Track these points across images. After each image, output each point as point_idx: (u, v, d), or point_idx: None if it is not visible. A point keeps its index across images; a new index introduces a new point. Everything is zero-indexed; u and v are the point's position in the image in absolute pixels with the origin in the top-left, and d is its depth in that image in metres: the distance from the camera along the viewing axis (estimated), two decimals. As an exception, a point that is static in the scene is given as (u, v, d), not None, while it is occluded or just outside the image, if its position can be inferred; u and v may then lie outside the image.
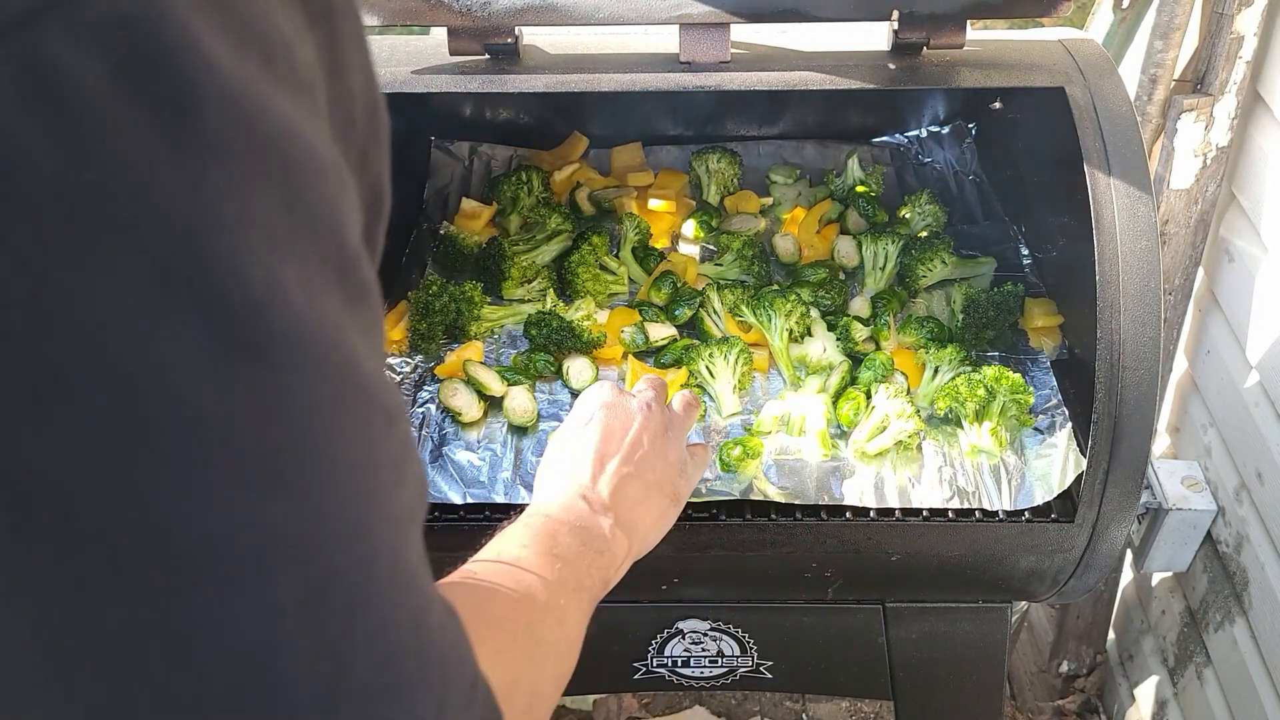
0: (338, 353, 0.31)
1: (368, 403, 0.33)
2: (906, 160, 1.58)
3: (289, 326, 0.30)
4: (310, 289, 0.30)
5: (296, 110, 0.31)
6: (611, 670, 1.32)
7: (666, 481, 0.93)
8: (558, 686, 0.65)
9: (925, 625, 1.27)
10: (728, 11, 1.11)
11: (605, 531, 0.84)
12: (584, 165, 1.54)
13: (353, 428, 0.32)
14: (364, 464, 0.33)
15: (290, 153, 0.30)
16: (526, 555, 0.72)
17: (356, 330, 0.33)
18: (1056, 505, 1.13)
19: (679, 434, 0.98)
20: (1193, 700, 1.74)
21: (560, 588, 0.71)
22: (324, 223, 0.32)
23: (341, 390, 0.32)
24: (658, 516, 0.93)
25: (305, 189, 0.31)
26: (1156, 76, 1.48)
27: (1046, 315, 1.29)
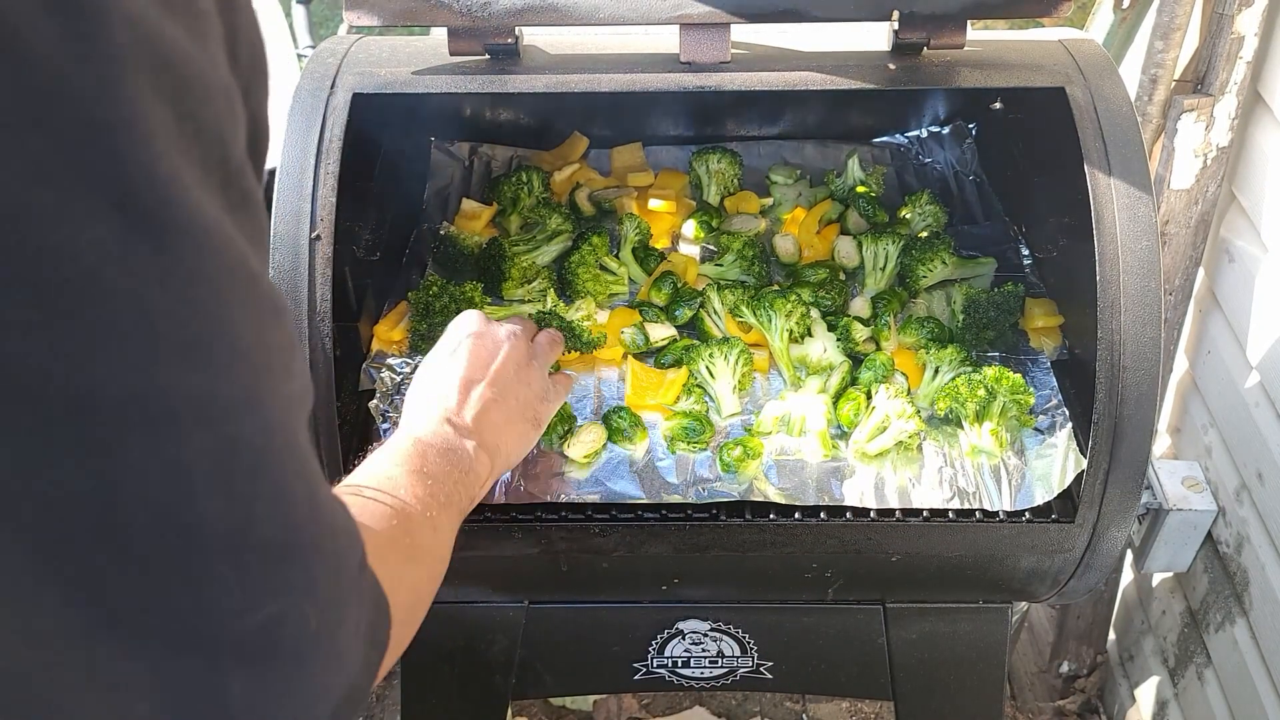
0: (232, 247, 0.36)
1: (259, 294, 0.38)
2: (907, 160, 1.58)
3: (192, 219, 0.34)
4: (204, 191, 0.35)
5: (190, 39, 0.35)
6: (611, 670, 1.32)
7: (528, 406, 1.02)
8: (432, 589, 0.74)
9: (925, 626, 1.27)
10: (728, 12, 1.11)
11: (470, 453, 0.90)
12: (584, 165, 1.54)
13: (249, 312, 0.37)
14: (259, 345, 0.37)
15: (183, 72, 0.34)
16: (399, 474, 0.79)
17: (242, 234, 0.37)
18: (1057, 505, 1.13)
19: (542, 364, 1.07)
20: (1193, 700, 1.73)
21: (431, 501, 0.78)
22: (212, 136, 0.36)
23: (237, 279, 0.36)
24: (518, 438, 1.00)
25: (196, 104, 0.35)
26: (1157, 77, 1.48)
27: (1047, 315, 1.29)
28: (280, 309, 0.40)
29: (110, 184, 0.32)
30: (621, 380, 1.26)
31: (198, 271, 0.34)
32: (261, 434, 0.38)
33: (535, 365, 1.06)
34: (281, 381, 0.39)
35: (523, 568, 1.19)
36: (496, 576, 1.23)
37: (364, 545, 0.48)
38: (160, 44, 0.33)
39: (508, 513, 1.13)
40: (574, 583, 1.22)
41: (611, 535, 1.12)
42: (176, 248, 0.34)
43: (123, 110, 0.32)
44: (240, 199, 0.37)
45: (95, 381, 0.33)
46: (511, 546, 1.13)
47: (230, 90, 0.38)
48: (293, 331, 0.43)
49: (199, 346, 0.35)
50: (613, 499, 1.13)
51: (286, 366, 0.40)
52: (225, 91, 0.37)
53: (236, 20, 0.40)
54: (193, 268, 0.34)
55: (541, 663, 1.30)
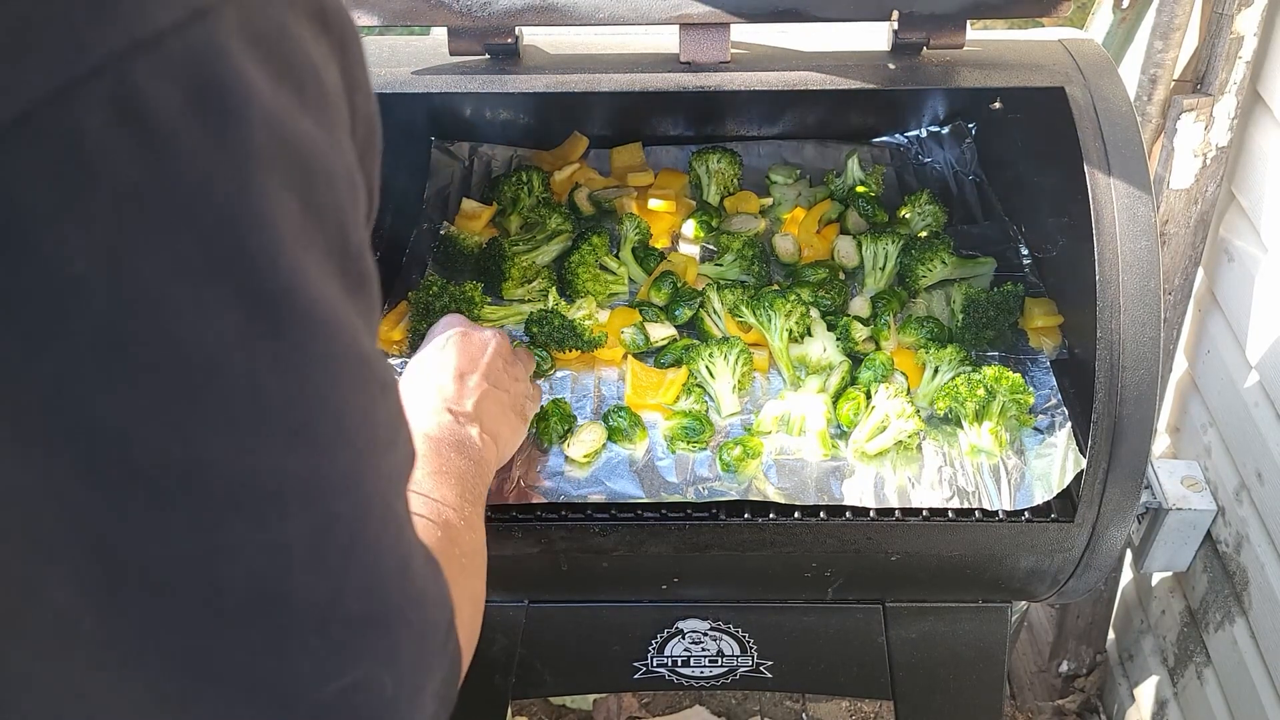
0: (345, 331, 0.38)
1: (368, 373, 0.40)
2: (906, 160, 1.58)
3: (310, 308, 0.36)
4: (323, 277, 0.37)
5: (319, 129, 0.38)
6: (611, 670, 1.32)
7: (517, 400, 1.04)
8: (484, 585, 0.76)
9: (925, 625, 1.27)
10: (728, 12, 1.11)
11: (477, 440, 0.92)
12: (584, 165, 1.54)
13: (356, 393, 0.39)
14: (364, 424, 0.39)
15: (312, 165, 0.37)
16: (424, 478, 0.79)
17: (357, 314, 0.39)
18: (1056, 505, 1.13)
19: (527, 367, 1.13)
20: (1193, 700, 1.74)
21: (462, 502, 0.79)
22: (333, 224, 0.38)
23: (347, 361, 0.38)
24: (512, 430, 1.02)
25: (321, 195, 0.37)
26: (1156, 76, 1.48)
27: (1046, 315, 1.29)
28: (388, 384, 0.42)
29: (238, 277, 0.34)
30: (621, 380, 1.26)
31: (311, 358, 0.37)
32: (359, 511, 0.40)
33: (518, 363, 1.10)
34: (384, 456, 0.41)
35: (523, 567, 1.19)
36: (496, 576, 1.22)
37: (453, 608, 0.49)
38: (293, 139, 0.36)
39: (508, 513, 1.13)
40: (574, 582, 1.22)
41: (611, 535, 1.12)
42: (293, 335, 0.36)
43: (255, 207, 0.35)
44: (358, 280, 0.40)
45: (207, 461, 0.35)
46: (511, 546, 1.13)
47: (353, 173, 0.41)
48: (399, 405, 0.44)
49: (306, 429, 0.37)
50: (613, 498, 1.13)
51: (391, 440, 0.42)
52: (349, 177, 0.40)
53: (356, 100, 0.42)
54: (307, 354, 0.37)
55: (541, 662, 1.30)
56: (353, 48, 0.42)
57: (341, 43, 0.41)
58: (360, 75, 0.43)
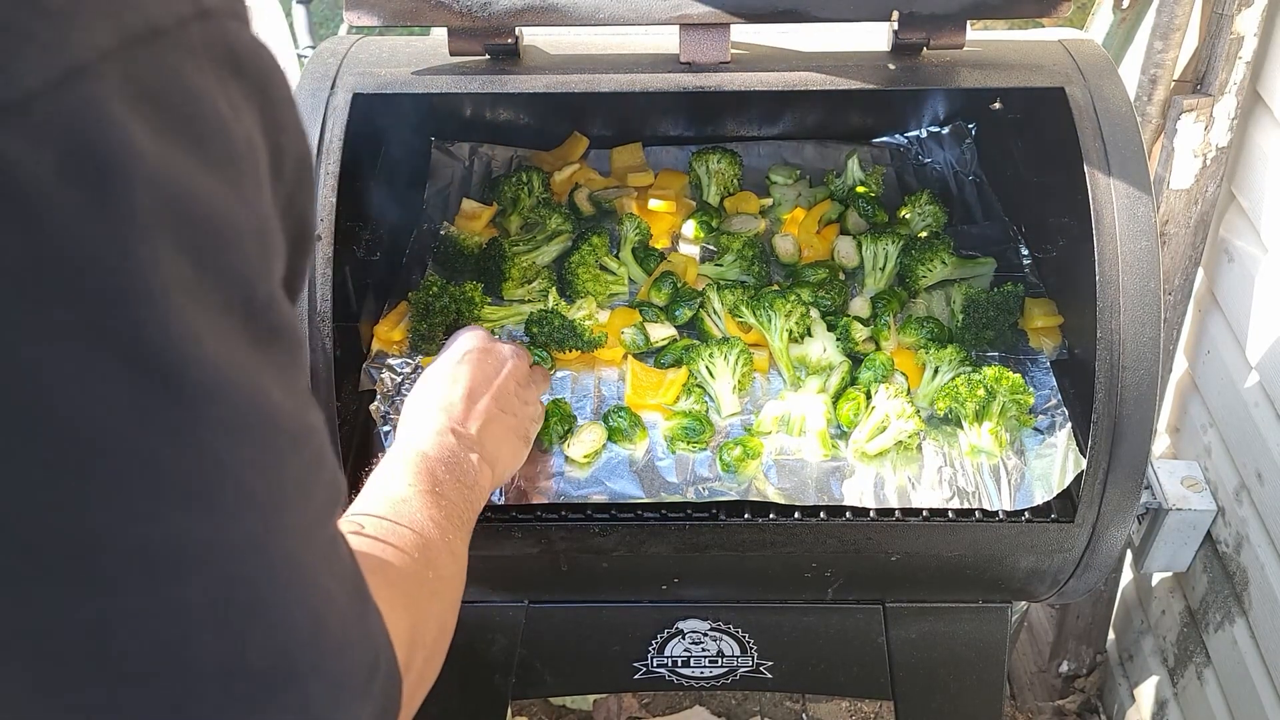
0: (243, 391, 0.37)
1: (273, 430, 0.38)
2: (906, 160, 1.58)
3: (202, 372, 0.35)
4: (220, 338, 0.36)
5: (221, 183, 0.36)
6: (611, 670, 1.32)
7: (522, 425, 1.05)
8: (454, 617, 0.76)
9: (925, 625, 1.27)
10: (728, 12, 1.11)
11: (474, 465, 0.91)
12: (584, 166, 1.54)
13: (256, 453, 0.38)
14: (267, 483, 0.38)
15: (208, 224, 0.35)
16: (413, 496, 0.79)
17: (266, 367, 0.38)
18: (1056, 505, 1.13)
19: (538, 386, 1.12)
20: (1193, 700, 1.74)
21: (447, 524, 0.79)
22: (235, 280, 0.37)
23: (246, 422, 0.37)
24: (512, 454, 1.03)
25: (220, 252, 0.36)
26: (1156, 77, 1.48)
27: (1046, 315, 1.29)
28: (300, 437, 0.41)
29: (122, 347, 0.33)
30: (621, 380, 1.26)
31: (205, 422, 0.36)
32: (264, 571, 0.39)
33: (532, 385, 1.10)
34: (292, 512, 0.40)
35: (523, 567, 1.19)
36: (496, 576, 1.23)
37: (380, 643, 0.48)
38: (185, 199, 0.35)
39: (508, 513, 1.13)
40: (574, 582, 1.22)
41: (611, 535, 1.12)
42: (186, 401, 0.35)
43: (138, 273, 0.33)
44: (269, 332, 0.39)
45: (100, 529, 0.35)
46: (511, 546, 1.13)
47: (265, 225, 0.39)
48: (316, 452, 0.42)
49: (205, 494, 0.36)
50: (613, 499, 1.13)
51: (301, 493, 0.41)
52: (258, 230, 0.38)
53: (282, 141, 0.41)
54: (202, 418, 0.36)
55: (541, 662, 1.30)
56: (275, 89, 0.40)
57: (260, 86, 0.39)
58: (286, 115, 0.42)
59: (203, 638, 0.37)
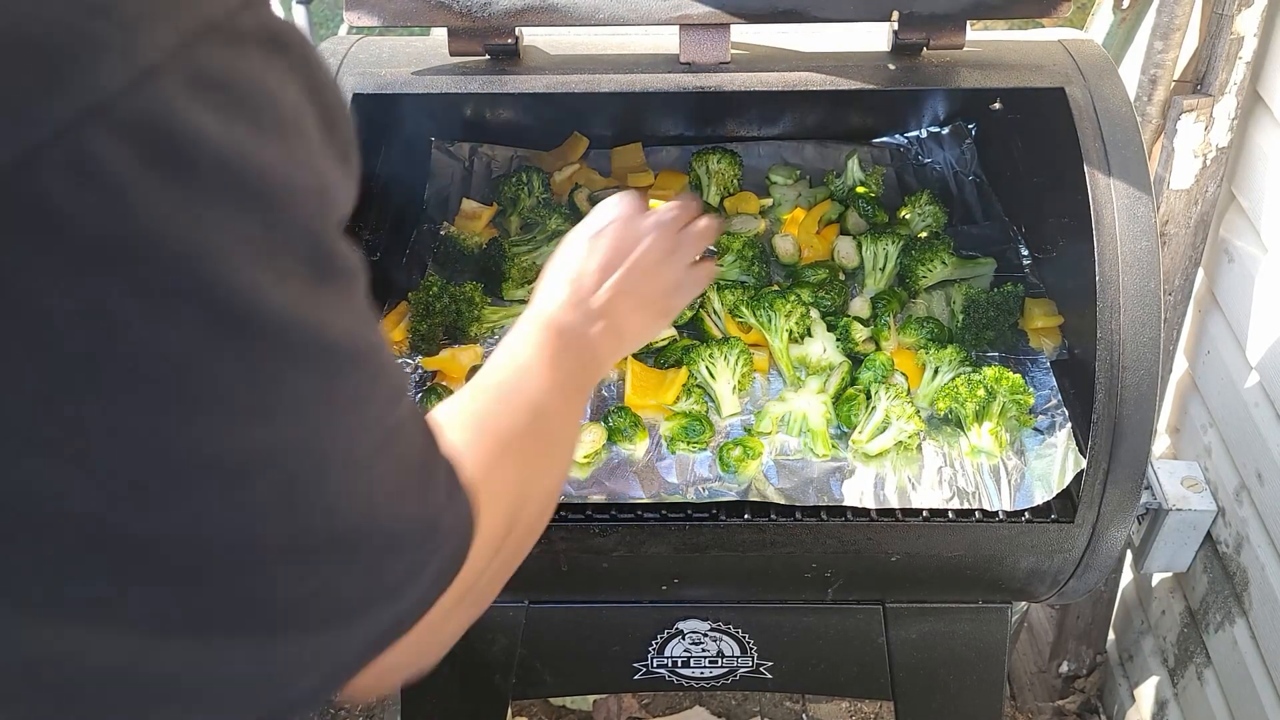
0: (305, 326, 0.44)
1: (331, 355, 0.46)
2: (906, 161, 1.58)
3: (269, 314, 0.42)
4: (285, 283, 0.43)
5: (279, 150, 0.43)
6: (611, 670, 1.32)
7: (659, 300, 1.04)
8: (562, 481, 0.83)
9: (925, 626, 1.27)
10: (728, 12, 1.11)
11: (598, 336, 0.95)
12: (584, 166, 1.54)
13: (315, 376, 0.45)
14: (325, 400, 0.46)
15: (270, 187, 0.42)
16: (531, 362, 0.84)
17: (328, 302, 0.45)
18: (1056, 505, 1.13)
19: (684, 257, 1.07)
20: (1193, 700, 1.74)
21: (562, 391, 0.83)
22: (298, 232, 0.44)
23: (307, 351, 0.44)
24: (643, 327, 1.04)
25: (281, 212, 0.43)
26: (1156, 77, 1.48)
27: (1046, 315, 1.29)
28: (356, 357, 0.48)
29: (200, 298, 0.40)
30: (621, 380, 1.26)
31: (273, 354, 0.43)
32: (317, 468, 0.46)
33: (676, 257, 1.06)
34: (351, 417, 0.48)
35: (523, 567, 1.18)
36: (496, 576, 1.23)
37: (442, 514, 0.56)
38: (247, 170, 0.41)
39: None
40: (574, 583, 1.22)
41: (611, 535, 1.12)
42: (255, 339, 0.42)
43: (210, 237, 0.40)
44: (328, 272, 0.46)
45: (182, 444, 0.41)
46: (511, 546, 1.13)
47: (322, 181, 0.46)
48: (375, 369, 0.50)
49: (269, 412, 0.43)
50: (613, 499, 1.13)
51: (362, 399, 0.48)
52: (316, 187, 0.45)
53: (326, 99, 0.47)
54: (269, 351, 0.43)
55: (541, 662, 1.30)
56: (310, 58, 0.46)
57: (299, 59, 0.45)
58: (322, 75, 0.47)
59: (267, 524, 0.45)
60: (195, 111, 0.39)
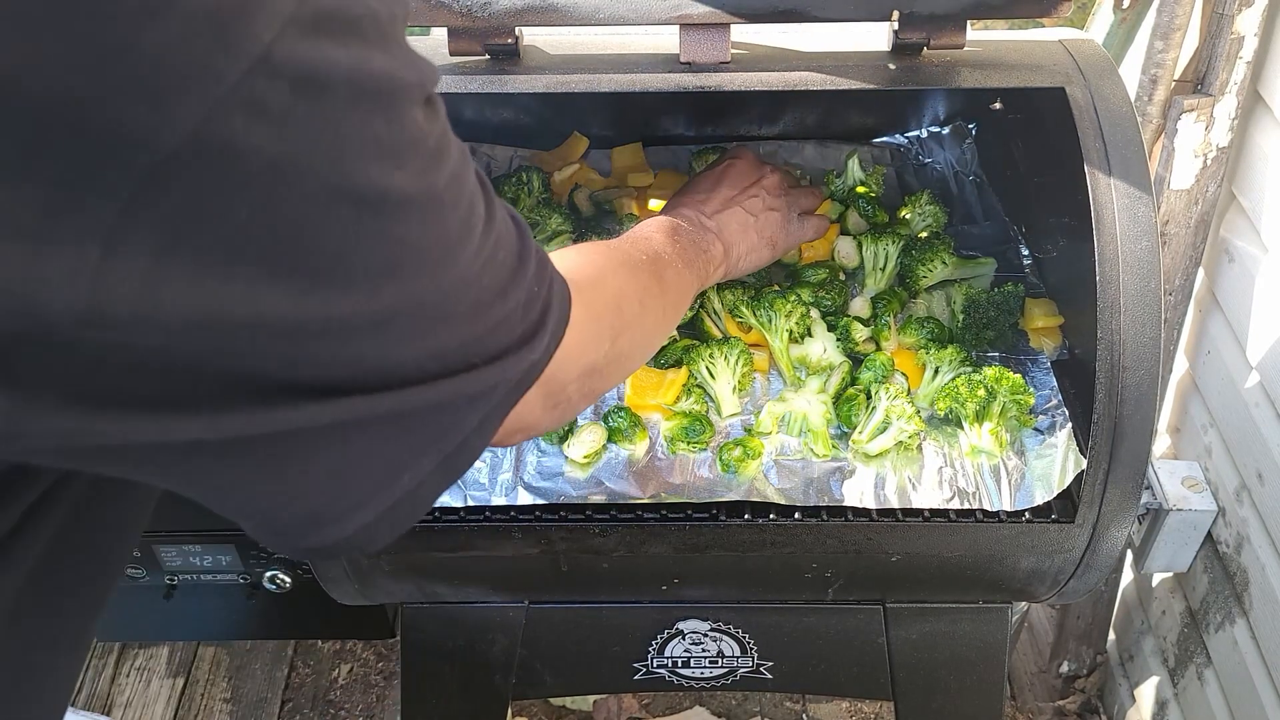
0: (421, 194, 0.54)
1: (439, 207, 0.56)
2: (907, 160, 1.58)
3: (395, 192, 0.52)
4: (403, 164, 0.53)
5: (386, 57, 0.51)
6: (611, 670, 1.32)
7: (768, 226, 1.23)
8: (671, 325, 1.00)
9: (926, 626, 1.27)
10: (728, 12, 1.11)
11: (709, 237, 1.12)
12: (584, 166, 1.54)
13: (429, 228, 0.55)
14: (438, 243, 0.56)
15: (384, 87, 0.51)
16: (654, 233, 1.02)
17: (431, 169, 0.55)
18: (1057, 506, 1.13)
19: (794, 204, 1.30)
20: (1193, 701, 1.73)
21: (677, 257, 1.01)
22: (408, 121, 0.53)
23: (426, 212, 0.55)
24: (751, 248, 1.21)
25: (396, 106, 0.52)
26: (1157, 77, 1.48)
27: (1047, 315, 1.29)
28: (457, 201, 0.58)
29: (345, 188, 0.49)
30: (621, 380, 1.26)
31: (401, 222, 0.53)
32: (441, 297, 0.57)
33: (786, 199, 1.27)
34: (458, 249, 0.58)
35: (523, 568, 1.19)
36: (496, 576, 1.23)
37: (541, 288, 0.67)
38: (368, 79, 0.50)
39: (508, 513, 1.13)
40: (574, 583, 1.22)
41: (611, 535, 1.12)
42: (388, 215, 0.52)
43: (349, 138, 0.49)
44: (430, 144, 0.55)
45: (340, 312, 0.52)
46: (511, 546, 1.13)
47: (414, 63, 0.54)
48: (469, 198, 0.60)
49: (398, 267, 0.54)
50: (613, 499, 1.13)
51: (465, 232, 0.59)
52: (418, 80, 0.54)
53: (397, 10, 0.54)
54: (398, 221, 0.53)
55: (541, 663, 1.30)
56: None
57: None
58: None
59: (416, 347, 0.57)
60: (321, 45, 0.47)
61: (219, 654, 2.22)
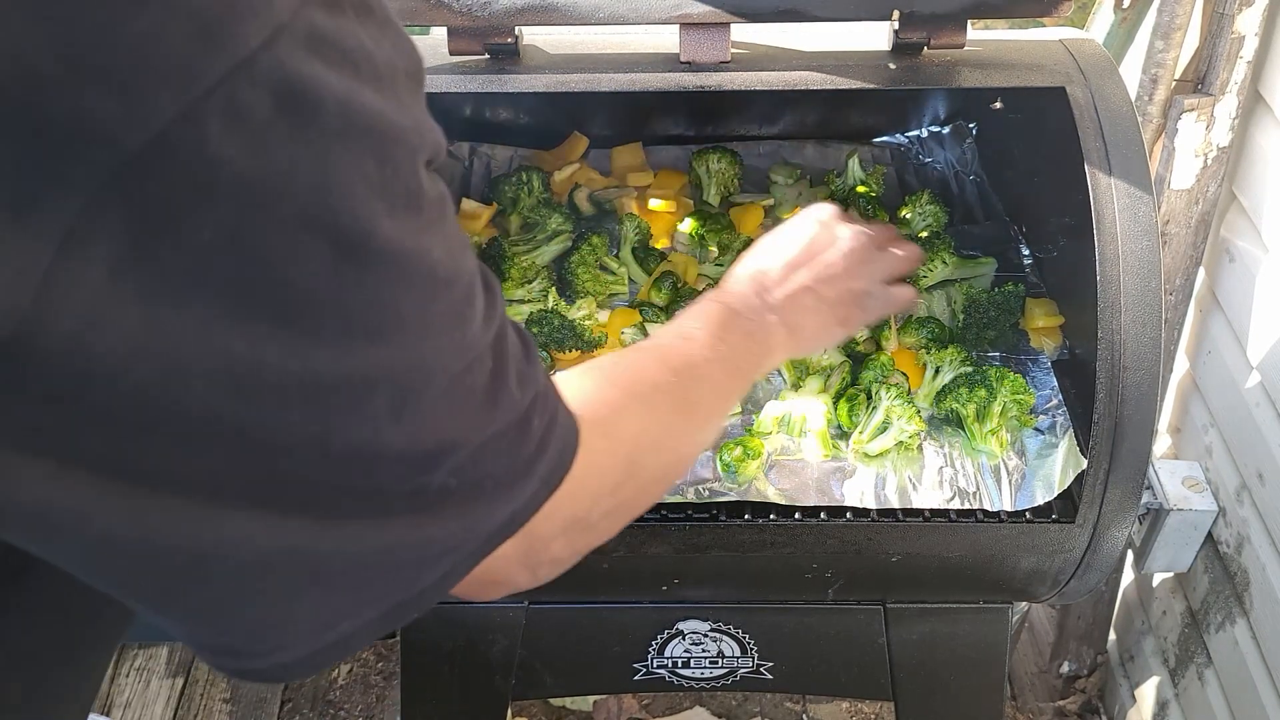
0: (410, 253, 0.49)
1: (431, 279, 0.51)
2: (907, 160, 1.58)
3: (382, 243, 0.47)
4: (394, 215, 0.48)
5: (382, 99, 0.47)
6: (612, 671, 1.31)
7: (841, 305, 1.04)
8: (704, 445, 0.85)
9: (926, 626, 1.26)
10: (728, 11, 1.11)
11: (770, 325, 0.96)
12: (584, 165, 1.53)
13: (419, 296, 0.50)
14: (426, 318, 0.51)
15: (379, 130, 0.47)
16: (696, 330, 0.87)
17: (427, 231, 0.51)
18: (1057, 506, 1.13)
19: (877, 271, 1.08)
20: (1194, 701, 1.73)
21: (721, 362, 0.85)
22: (403, 169, 0.49)
23: (412, 279, 0.50)
24: (820, 329, 1.03)
25: (390, 150, 0.48)
26: (1157, 76, 1.47)
27: (1047, 315, 1.29)
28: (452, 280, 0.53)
29: (328, 232, 0.45)
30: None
31: (385, 279, 0.48)
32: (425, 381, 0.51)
33: (867, 269, 1.06)
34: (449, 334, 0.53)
35: (523, 568, 1.18)
36: (496, 577, 1.22)
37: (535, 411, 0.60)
38: (361, 115, 0.46)
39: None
40: (574, 583, 1.21)
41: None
42: (369, 264, 0.47)
43: (335, 174, 0.45)
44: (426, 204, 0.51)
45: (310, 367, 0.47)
46: (511, 547, 1.13)
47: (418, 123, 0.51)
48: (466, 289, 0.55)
49: (381, 331, 0.49)
50: (613, 499, 1.13)
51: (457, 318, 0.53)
52: (414, 127, 0.50)
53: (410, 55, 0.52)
54: (382, 277, 0.48)
55: (541, 663, 1.30)
56: (391, 20, 0.52)
57: (385, 20, 0.51)
58: (403, 35, 0.53)
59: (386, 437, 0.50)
60: (314, 64, 0.44)
61: (219, 654, 2.21)
